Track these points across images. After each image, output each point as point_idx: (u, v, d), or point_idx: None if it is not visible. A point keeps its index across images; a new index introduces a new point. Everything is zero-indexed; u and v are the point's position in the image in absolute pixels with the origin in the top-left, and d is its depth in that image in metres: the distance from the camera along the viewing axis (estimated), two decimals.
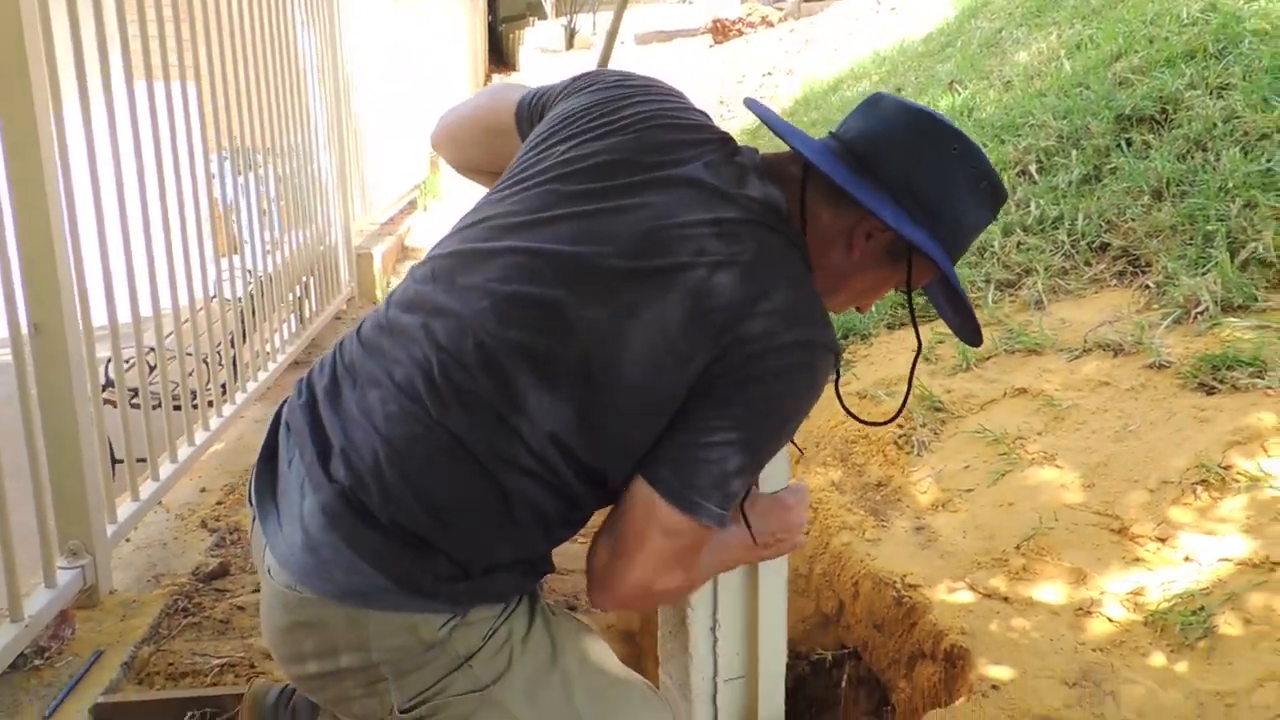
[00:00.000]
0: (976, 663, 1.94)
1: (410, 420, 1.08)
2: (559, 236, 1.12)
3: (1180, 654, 1.89)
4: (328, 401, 1.15)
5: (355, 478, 1.07)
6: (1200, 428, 2.43)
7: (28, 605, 1.91)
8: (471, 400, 1.08)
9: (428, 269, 1.19)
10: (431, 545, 1.07)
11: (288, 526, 1.11)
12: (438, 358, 1.09)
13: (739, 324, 1.07)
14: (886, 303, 3.61)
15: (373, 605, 1.06)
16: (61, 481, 2.09)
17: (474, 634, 1.11)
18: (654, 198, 1.13)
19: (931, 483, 2.62)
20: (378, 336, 1.16)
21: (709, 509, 1.08)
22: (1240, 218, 3.06)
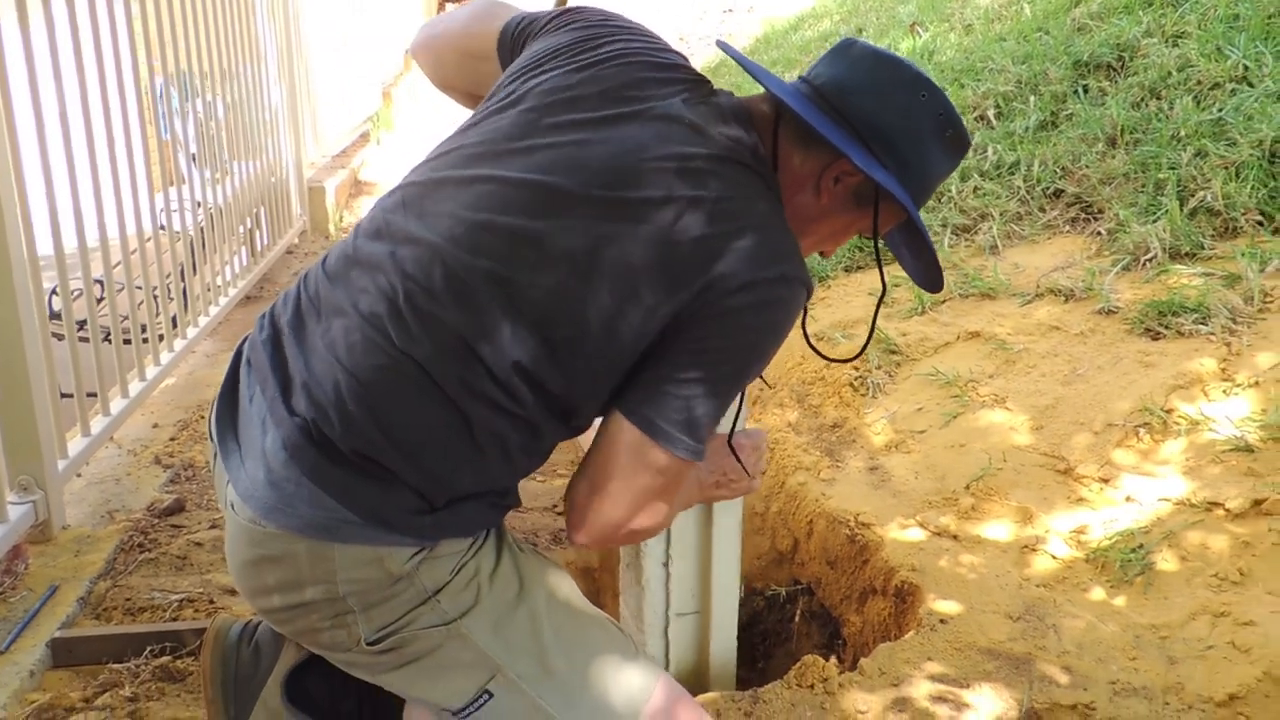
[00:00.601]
0: (925, 598, 2.01)
1: (374, 350, 1.07)
2: (532, 166, 1.11)
3: (1119, 589, 1.97)
4: (291, 335, 1.14)
5: (317, 409, 1.07)
6: (1145, 372, 2.50)
7: None
8: (438, 328, 1.07)
9: (397, 197, 1.18)
10: (395, 476, 1.07)
11: (250, 462, 1.10)
12: (404, 286, 1.09)
13: (711, 263, 1.07)
14: (846, 246, 3.63)
15: (337, 539, 1.06)
16: (10, 416, 2.05)
17: (441, 568, 1.11)
18: (629, 131, 1.13)
19: (885, 424, 2.67)
20: (344, 267, 1.15)
21: (684, 441, 1.09)
22: (1190, 166, 3.12)
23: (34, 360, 2.08)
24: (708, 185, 1.11)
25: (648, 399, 1.09)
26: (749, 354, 1.12)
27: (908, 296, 3.21)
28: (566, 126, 1.13)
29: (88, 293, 2.54)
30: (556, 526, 2.53)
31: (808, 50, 6.43)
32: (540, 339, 1.07)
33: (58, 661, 1.82)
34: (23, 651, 1.80)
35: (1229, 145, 3.10)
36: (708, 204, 1.09)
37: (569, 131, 1.13)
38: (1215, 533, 2.02)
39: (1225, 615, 1.82)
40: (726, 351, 1.10)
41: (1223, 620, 1.82)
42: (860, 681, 1.77)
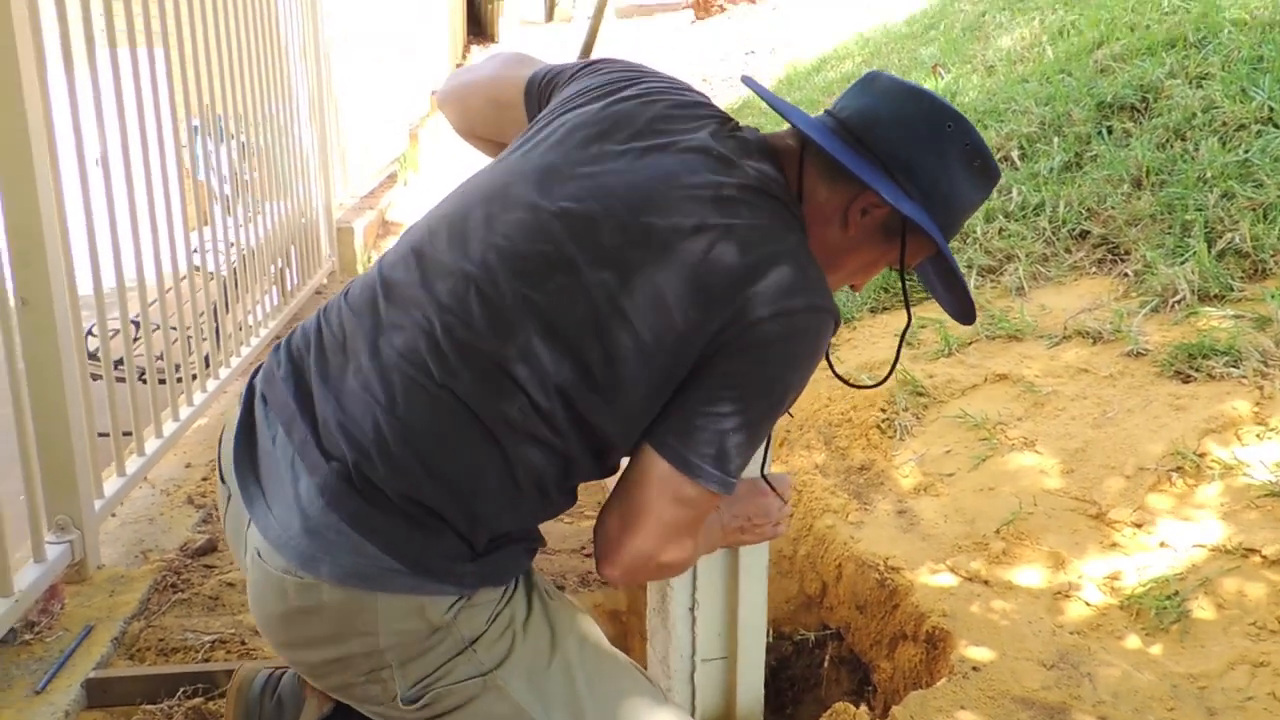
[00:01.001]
0: (957, 644, 1.99)
1: (413, 386, 1.06)
2: (564, 195, 1.11)
3: (1155, 637, 1.95)
4: (317, 372, 1.12)
5: (358, 451, 1.05)
6: (1176, 415, 2.48)
7: (17, 580, 1.91)
8: (476, 358, 1.06)
9: (424, 228, 1.17)
10: (440, 519, 1.05)
11: (279, 509, 1.07)
12: (441, 319, 1.08)
13: (741, 293, 1.08)
14: (871, 286, 3.64)
15: (381, 588, 1.04)
16: (49, 455, 2.08)
17: (478, 616, 1.10)
18: (660, 161, 1.14)
19: (914, 466, 2.66)
20: (371, 300, 1.14)
21: (714, 474, 1.09)
22: (1218, 208, 3.11)
23: (73, 400, 2.11)
24: (739, 214, 1.11)
25: (677, 431, 1.09)
26: (778, 384, 1.11)
27: (934, 339, 3.21)
28: (598, 158, 1.14)
29: (124, 332, 2.58)
30: (584, 569, 2.53)
31: (830, 91, 6.48)
32: (575, 362, 1.07)
33: (92, 702, 1.83)
34: (58, 692, 1.81)
35: (1256, 187, 3.10)
36: (740, 232, 1.10)
37: (600, 162, 1.14)
38: (1252, 580, 1.99)
39: (1265, 665, 1.80)
40: (755, 381, 1.09)
41: (1262, 670, 1.80)
42: None
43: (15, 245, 2.00)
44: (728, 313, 1.07)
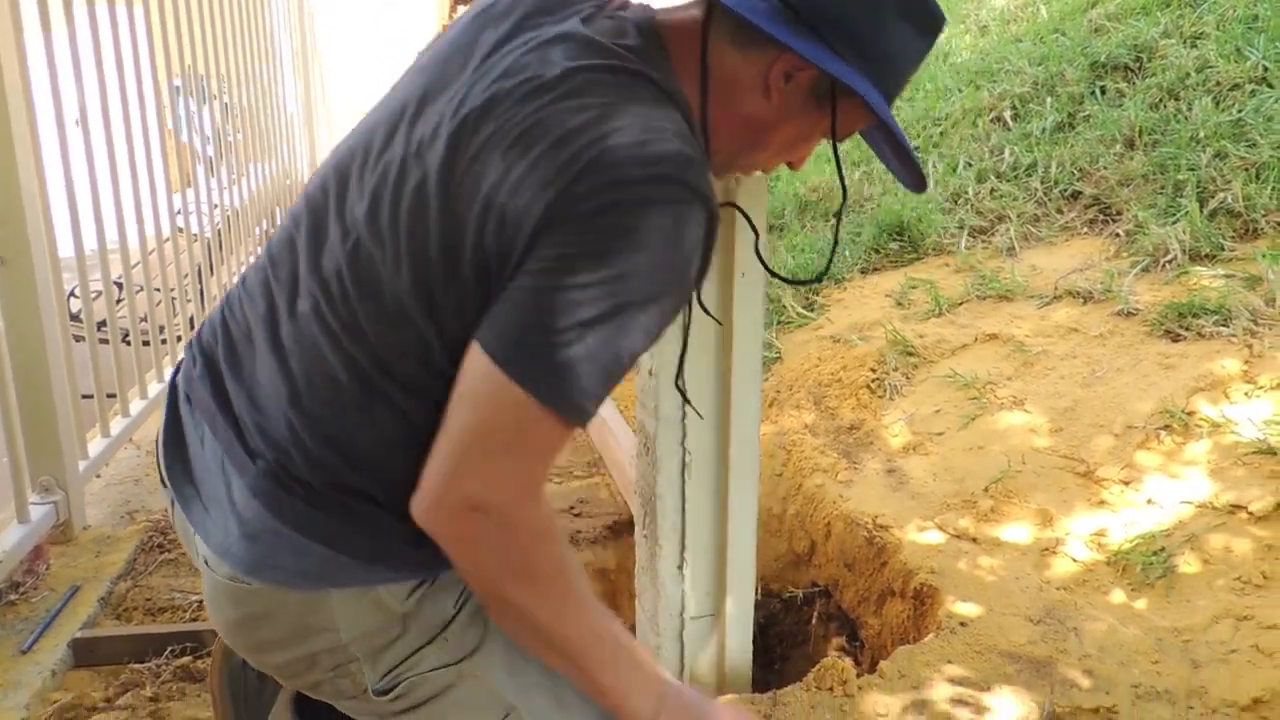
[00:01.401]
0: (945, 600, 2.00)
1: (314, 374, 0.98)
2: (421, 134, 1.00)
3: (1140, 592, 1.96)
4: (229, 368, 1.05)
5: (278, 450, 0.99)
6: (1165, 374, 2.48)
7: (1, 541, 1.90)
8: (361, 326, 0.98)
9: (301, 195, 1.09)
10: (374, 503, 0.99)
11: (216, 512, 1.02)
12: (324, 293, 0.99)
13: (571, 165, 0.90)
14: (861, 247, 3.63)
15: (331, 584, 0.99)
16: (32, 417, 2.06)
17: (444, 601, 1.04)
18: (513, 57, 1.00)
19: (903, 426, 2.66)
20: (265, 284, 1.06)
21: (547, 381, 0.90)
22: (1210, 167, 3.10)
23: (55, 362, 2.09)
24: (574, 96, 0.94)
25: (498, 322, 0.92)
26: (623, 268, 0.89)
27: (925, 299, 3.20)
28: (446, 68, 1.04)
29: (107, 294, 2.56)
30: (574, 528, 2.53)
31: None
32: (424, 287, 0.95)
33: (79, 661, 1.83)
34: (45, 651, 1.81)
35: (1249, 146, 3.08)
36: (568, 111, 0.93)
37: (446, 69, 1.03)
38: (1238, 535, 2.00)
39: (1249, 619, 1.81)
40: (589, 261, 0.89)
41: (1246, 624, 1.81)
42: (880, 684, 1.77)
43: None
44: (555, 185, 0.90)
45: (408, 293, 0.96)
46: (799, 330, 3.32)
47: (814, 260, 3.64)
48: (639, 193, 0.90)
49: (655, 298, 0.91)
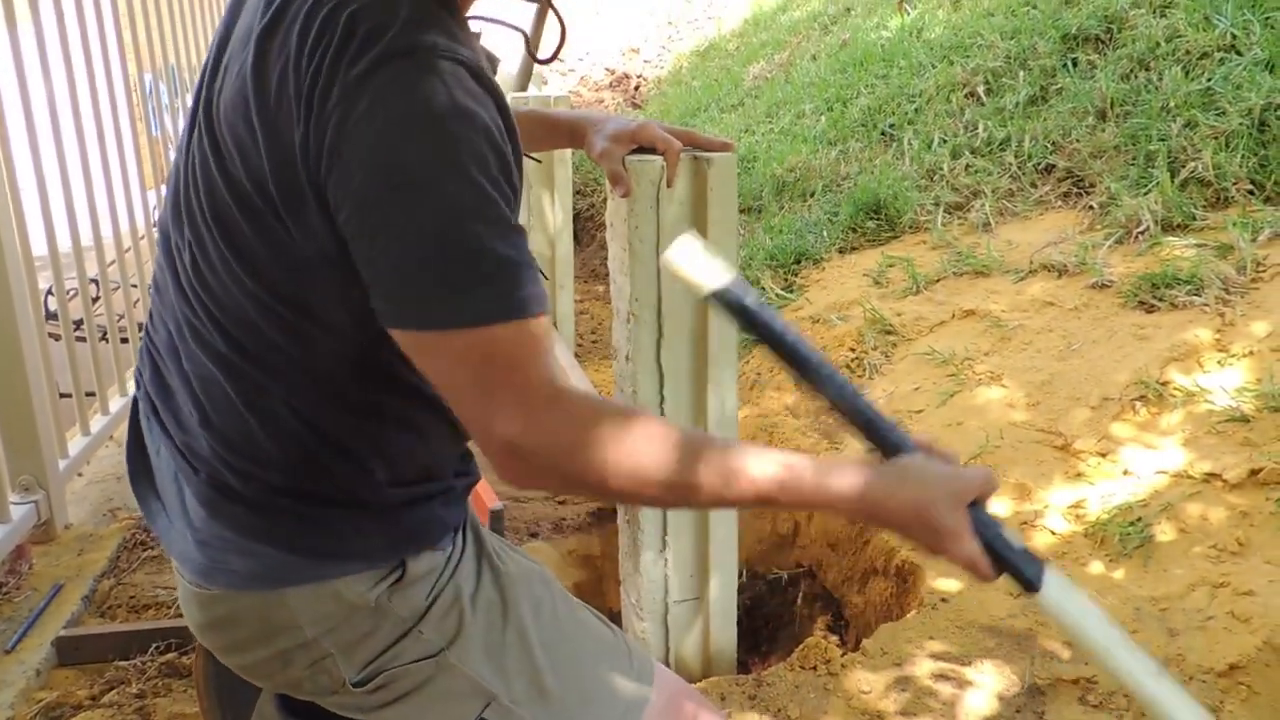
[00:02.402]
0: (926, 577, 2.02)
1: (209, 387, 0.98)
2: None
3: (1118, 562, 1.98)
4: (159, 391, 1.05)
5: (209, 465, 0.99)
6: (1140, 345, 2.51)
7: None
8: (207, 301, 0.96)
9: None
10: (311, 497, 0.98)
11: (177, 521, 1.02)
12: (191, 307, 0.98)
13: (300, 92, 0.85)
14: (838, 227, 3.64)
15: (284, 583, 0.98)
16: (10, 417, 2.06)
17: (416, 595, 1.03)
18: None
19: (883, 405, 2.67)
20: (157, 308, 1.05)
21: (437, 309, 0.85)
22: (1181, 137, 3.12)
23: (32, 361, 2.08)
24: (282, 14, 0.89)
25: (378, 297, 0.87)
26: (401, 181, 0.83)
27: (902, 277, 3.21)
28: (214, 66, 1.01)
29: (83, 292, 2.54)
30: (557, 515, 2.54)
31: (797, 31, 6.40)
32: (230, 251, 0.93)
33: (64, 660, 1.83)
34: (29, 650, 1.81)
35: (1218, 115, 3.10)
36: (280, 32, 0.88)
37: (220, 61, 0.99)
38: (1213, 504, 2.03)
39: (1224, 586, 1.84)
40: (377, 182, 0.83)
41: (1222, 591, 1.84)
42: (863, 662, 1.79)
43: None
44: (291, 119, 0.85)
45: (240, 277, 0.93)
46: (779, 312, 3.33)
47: (791, 241, 3.65)
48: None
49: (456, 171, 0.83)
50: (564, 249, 3.63)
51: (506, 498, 2.52)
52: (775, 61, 6.02)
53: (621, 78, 7.90)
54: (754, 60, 6.29)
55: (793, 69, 5.67)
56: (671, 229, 1.57)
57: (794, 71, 5.58)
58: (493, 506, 2.40)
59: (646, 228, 1.58)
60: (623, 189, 1.47)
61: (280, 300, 0.93)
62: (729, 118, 5.48)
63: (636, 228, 1.58)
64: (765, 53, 6.34)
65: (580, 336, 4.05)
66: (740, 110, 5.54)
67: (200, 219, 0.95)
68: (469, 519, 1.13)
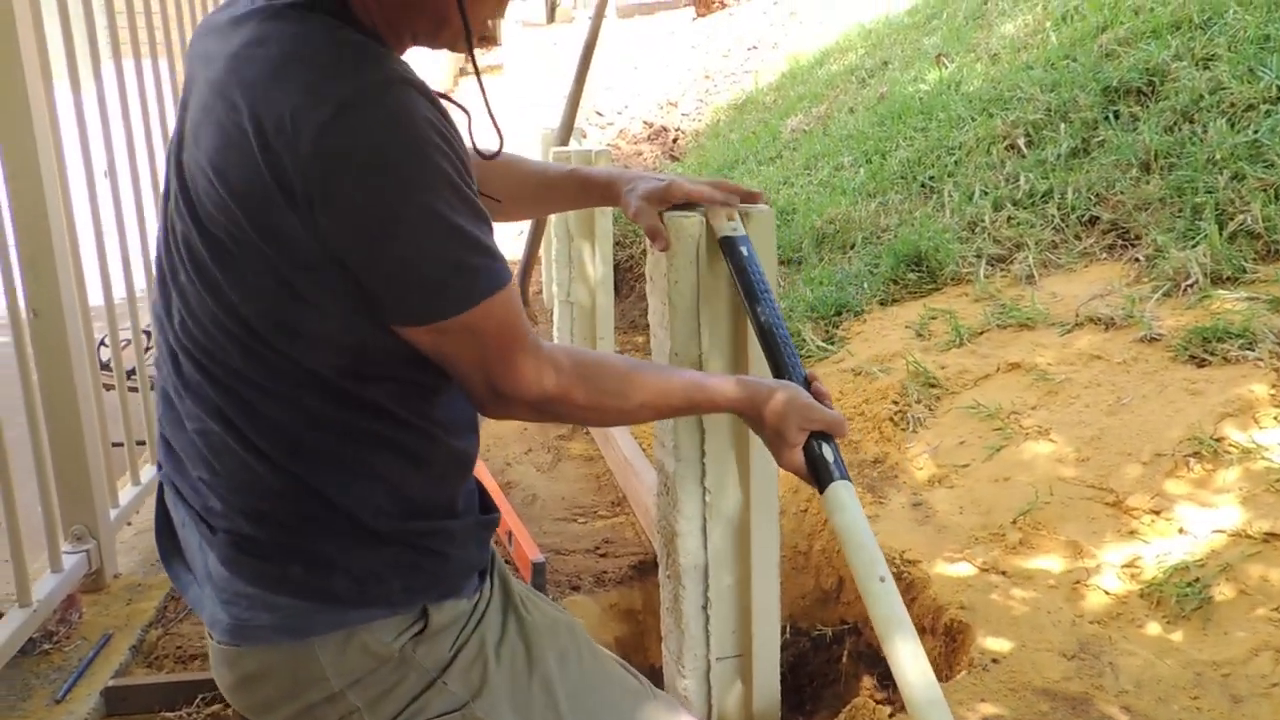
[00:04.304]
0: (976, 636, 1.98)
1: (213, 443, 1.01)
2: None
3: (1176, 624, 1.93)
4: (172, 459, 1.09)
5: (226, 522, 1.02)
6: (1192, 400, 2.46)
7: (36, 590, 1.92)
8: (196, 354, 1.01)
9: None
10: (327, 544, 1.01)
11: (205, 586, 1.06)
12: (180, 358, 1.03)
13: (271, 164, 0.90)
14: (879, 279, 3.63)
15: (310, 633, 1.01)
16: (64, 466, 2.09)
17: (440, 646, 1.05)
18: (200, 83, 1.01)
19: (928, 459, 2.64)
20: (158, 371, 1.10)
21: (440, 301, 0.96)
22: (1228, 189, 3.09)
23: (87, 412, 2.12)
24: (229, 80, 0.95)
25: (387, 303, 0.96)
26: (394, 199, 0.91)
27: (945, 329, 3.19)
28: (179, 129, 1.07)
29: (136, 342, 2.59)
30: (598, 569, 2.52)
31: (834, 84, 6.45)
32: (221, 303, 0.97)
33: (112, 710, 1.84)
34: (78, 700, 1.82)
35: (1266, 167, 3.07)
36: (229, 101, 0.93)
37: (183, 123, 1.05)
38: (1274, 565, 1.98)
39: None
40: (370, 218, 0.91)
41: None
42: None
43: (26, 257, 2.01)
44: (283, 180, 0.91)
45: (227, 324, 0.98)
46: (820, 363, 3.32)
47: (832, 293, 3.65)
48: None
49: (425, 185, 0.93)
50: (604, 300, 3.65)
51: (548, 550, 2.51)
52: (813, 114, 6.07)
53: (659, 131, 7.98)
54: (791, 113, 6.34)
55: (830, 122, 5.70)
56: (711, 283, 1.58)
57: (832, 124, 5.62)
58: (534, 559, 2.39)
59: (686, 282, 1.59)
60: (662, 243, 1.50)
61: (264, 334, 0.97)
62: (767, 170, 5.52)
63: (676, 282, 1.59)
64: (803, 106, 6.39)
65: None
66: (778, 162, 5.58)
67: (184, 274, 1.00)
68: (496, 567, 1.15)
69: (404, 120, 0.91)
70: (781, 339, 1.32)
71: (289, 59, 0.93)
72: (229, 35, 0.98)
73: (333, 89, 0.90)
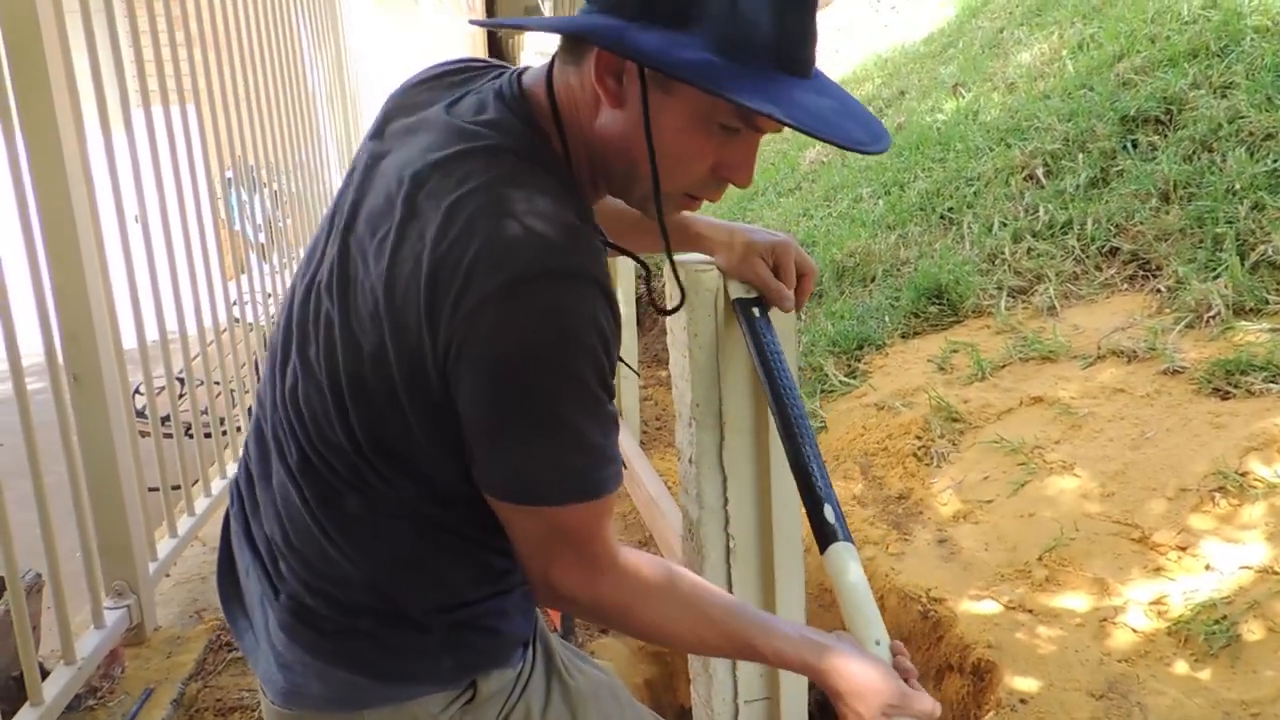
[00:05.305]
0: (1004, 675, 1.99)
1: (291, 513, 1.03)
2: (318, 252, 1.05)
3: (1205, 663, 1.93)
4: (250, 510, 1.10)
5: (290, 589, 1.03)
6: (1217, 434, 2.47)
7: (79, 647, 1.96)
8: (295, 425, 1.01)
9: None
10: (384, 624, 1.02)
11: (262, 642, 1.07)
12: (297, 427, 1.02)
13: (429, 295, 0.88)
14: (900, 312, 3.65)
15: (362, 706, 1.02)
16: (104, 525, 2.14)
17: (488, 714, 1.06)
18: (379, 168, 1.00)
19: (952, 494, 2.66)
20: (257, 427, 1.09)
21: (528, 490, 0.93)
22: (1249, 220, 3.10)
23: (125, 469, 2.16)
24: (425, 204, 0.91)
25: (480, 467, 0.95)
26: (528, 386, 0.88)
27: (967, 363, 3.21)
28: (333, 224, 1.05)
29: (170, 389, 2.64)
30: None
31: None
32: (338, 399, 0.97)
33: None
34: None
35: None
36: (419, 226, 0.90)
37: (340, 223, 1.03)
38: None
39: None
40: (499, 393, 0.89)
41: None
42: None
43: (66, 324, 2.05)
44: (422, 324, 0.89)
45: (335, 420, 0.97)
46: (842, 398, 3.34)
47: (853, 327, 3.67)
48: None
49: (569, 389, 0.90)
50: (628, 338, 3.68)
51: None
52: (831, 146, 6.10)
53: None
54: (809, 144, 6.38)
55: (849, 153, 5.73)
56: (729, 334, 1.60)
57: (850, 155, 5.66)
58: None
59: (705, 335, 1.61)
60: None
61: (374, 451, 0.97)
62: (786, 201, 5.56)
63: (696, 335, 1.61)
64: None
65: (645, 424, 4.08)
66: (797, 194, 5.62)
67: (315, 362, 0.99)
68: (539, 631, 1.16)
69: (567, 314, 0.87)
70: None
71: (492, 206, 0.88)
72: (439, 128, 0.96)
73: (514, 261, 0.86)
